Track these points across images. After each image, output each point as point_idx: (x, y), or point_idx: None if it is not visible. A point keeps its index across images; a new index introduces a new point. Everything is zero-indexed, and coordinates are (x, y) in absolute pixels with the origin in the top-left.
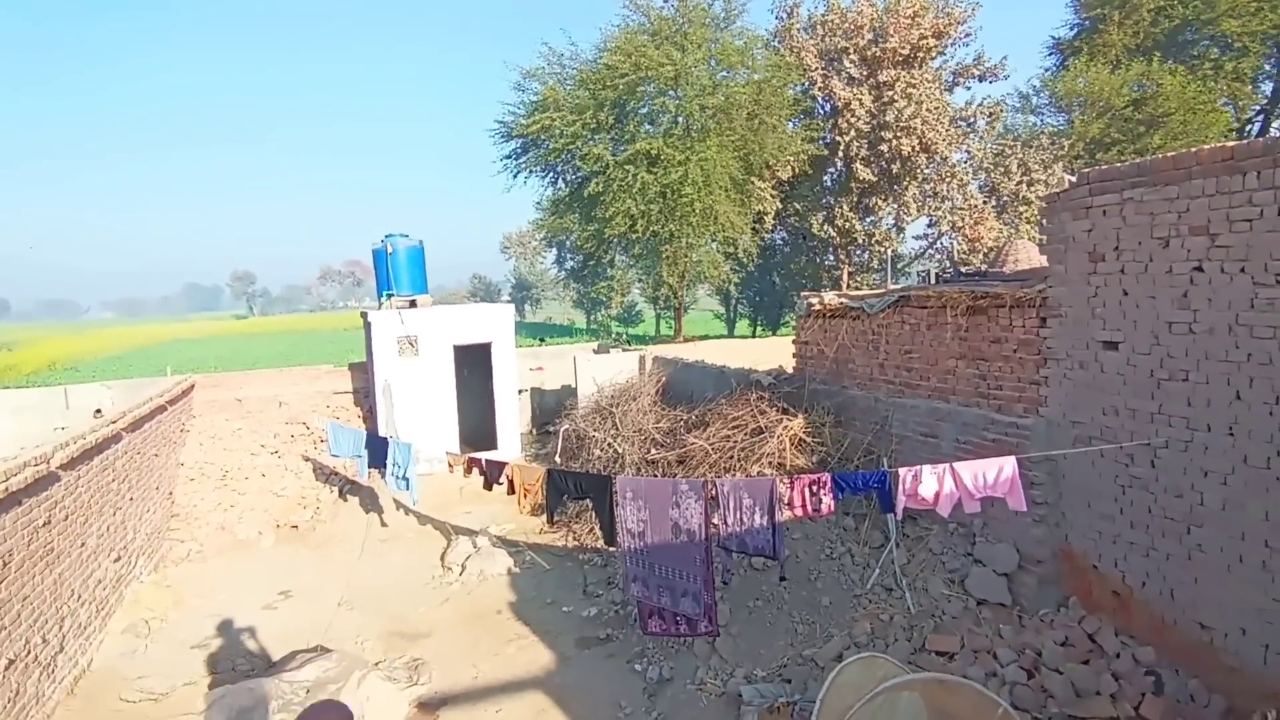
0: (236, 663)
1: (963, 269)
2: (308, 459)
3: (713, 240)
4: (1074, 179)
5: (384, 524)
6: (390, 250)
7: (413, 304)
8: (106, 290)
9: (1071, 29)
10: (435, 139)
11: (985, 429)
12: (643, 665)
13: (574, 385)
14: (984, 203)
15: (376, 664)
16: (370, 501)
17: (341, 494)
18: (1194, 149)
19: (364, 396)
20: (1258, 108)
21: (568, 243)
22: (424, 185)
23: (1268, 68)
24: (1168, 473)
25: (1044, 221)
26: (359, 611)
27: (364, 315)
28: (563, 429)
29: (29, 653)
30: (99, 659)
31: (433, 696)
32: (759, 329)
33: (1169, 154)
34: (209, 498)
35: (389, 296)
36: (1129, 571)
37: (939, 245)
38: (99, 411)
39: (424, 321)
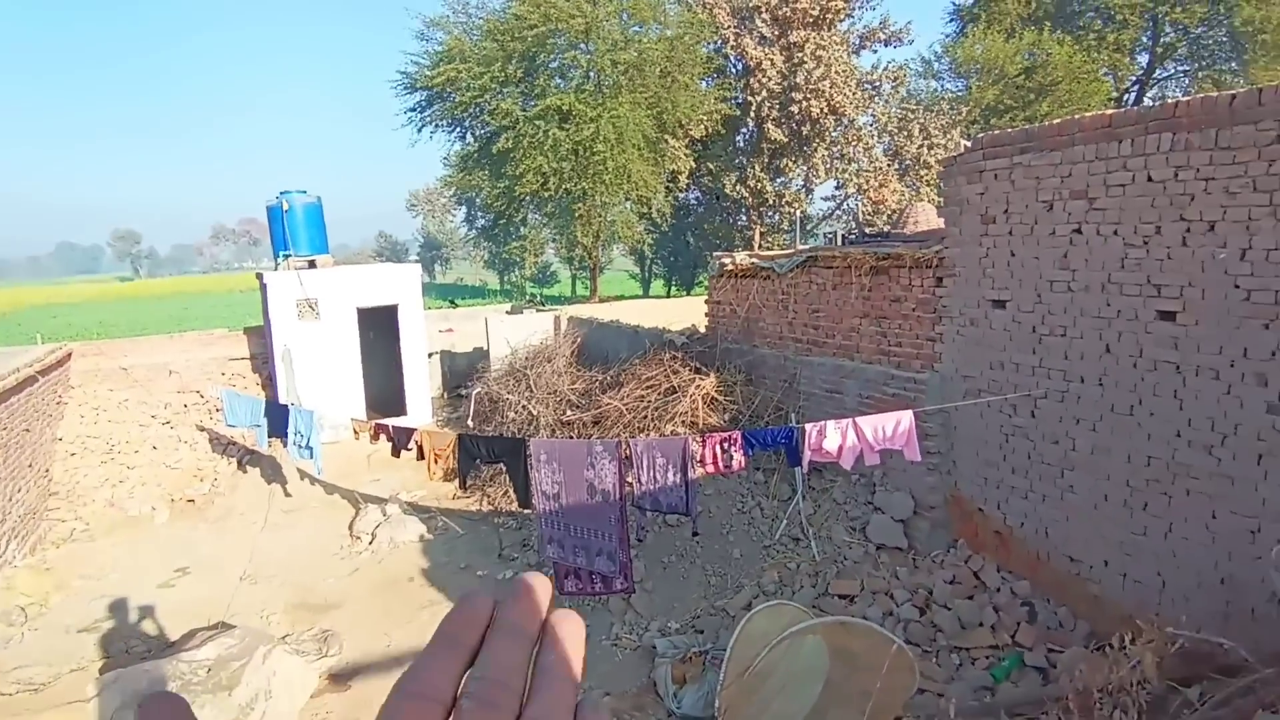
0: (130, 645)
1: (867, 230)
2: (203, 429)
3: (626, 199)
4: (969, 144)
5: (288, 494)
6: (286, 208)
7: (312, 264)
8: None
9: None
10: (337, 87)
11: (885, 384)
12: None
13: (486, 347)
14: (888, 165)
15: (283, 638)
16: (272, 471)
17: (241, 465)
18: (1077, 116)
19: (262, 363)
20: (1134, 78)
21: (478, 200)
22: (325, 138)
23: (1145, 40)
24: (1045, 421)
25: (942, 184)
26: (264, 585)
27: (259, 277)
28: (475, 392)
29: None
30: None
31: (344, 668)
32: (674, 289)
33: (1054, 121)
34: (94, 473)
35: (286, 257)
36: (1010, 513)
37: (846, 207)
38: None
39: (325, 283)
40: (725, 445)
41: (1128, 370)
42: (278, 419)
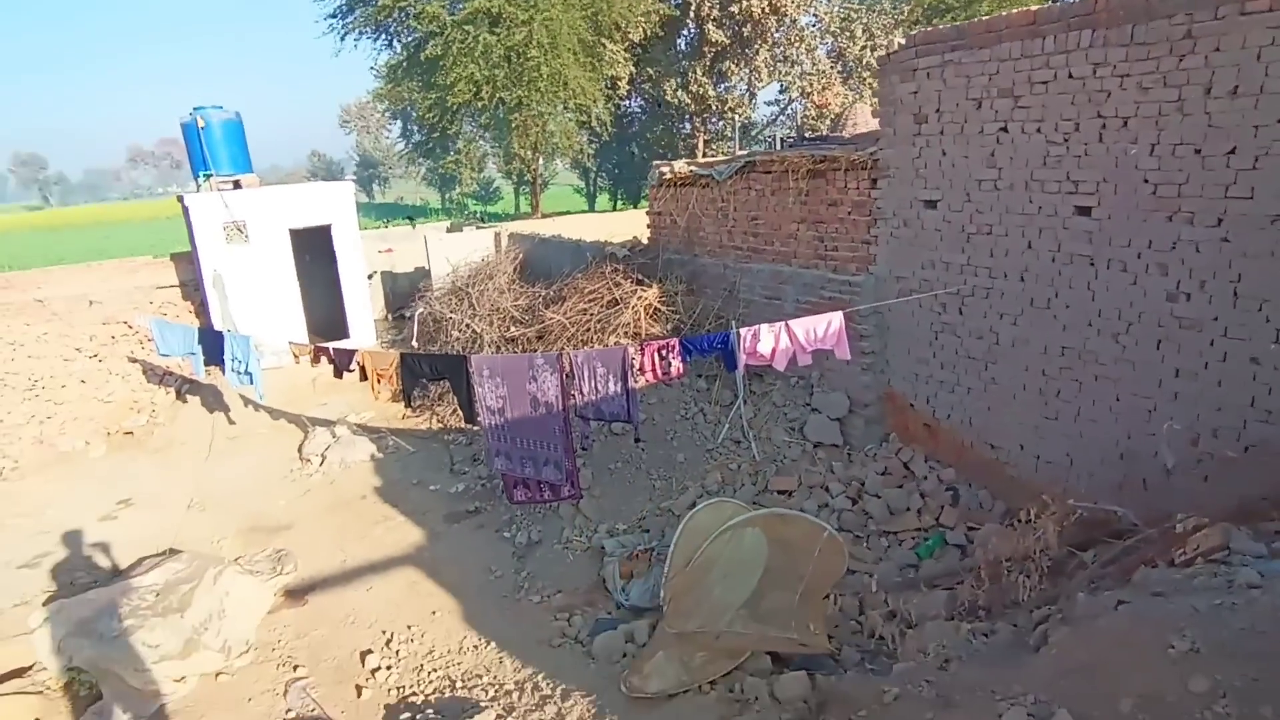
0: (76, 577)
1: (807, 134)
2: (135, 360)
3: (564, 108)
4: (904, 42)
5: (231, 422)
6: (202, 124)
7: (236, 185)
8: None
9: None
10: None
11: (823, 288)
12: (511, 532)
13: (427, 267)
14: (831, 68)
15: (235, 559)
16: (214, 400)
17: (180, 394)
18: (1004, 13)
19: (193, 289)
20: None
21: (413, 114)
22: (251, 54)
23: None
24: (971, 317)
25: (878, 84)
26: (212, 513)
27: (181, 199)
28: (417, 312)
29: None
30: None
31: (300, 584)
32: (620, 202)
33: (984, 18)
34: (18, 410)
35: (207, 177)
36: (938, 406)
37: (789, 111)
38: None
39: (252, 204)
40: (663, 353)
41: (1046, 265)
42: (213, 346)
